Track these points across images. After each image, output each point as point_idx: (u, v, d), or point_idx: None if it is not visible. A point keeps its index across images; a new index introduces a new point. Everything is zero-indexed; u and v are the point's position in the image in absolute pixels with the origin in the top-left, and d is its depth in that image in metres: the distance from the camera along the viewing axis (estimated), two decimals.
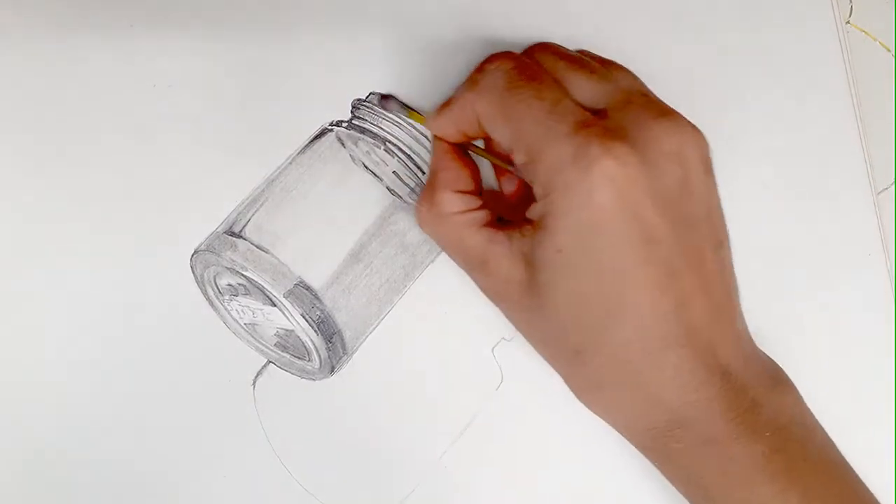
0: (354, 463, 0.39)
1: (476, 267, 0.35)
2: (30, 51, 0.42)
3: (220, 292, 0.39)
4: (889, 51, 0.45)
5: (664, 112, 0.32)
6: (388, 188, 0.38)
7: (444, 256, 0.40)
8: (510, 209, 0.37)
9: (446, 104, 0.35)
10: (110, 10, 0.43)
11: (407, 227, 0.38)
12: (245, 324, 0.39)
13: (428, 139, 0.38)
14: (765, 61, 0.43)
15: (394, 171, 0.38)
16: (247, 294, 0.38)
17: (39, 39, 0.42)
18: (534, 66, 0.33)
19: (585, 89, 0.33)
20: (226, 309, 0.39)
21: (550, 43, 0.36)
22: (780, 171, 0.42)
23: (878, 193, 0.43)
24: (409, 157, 0.38)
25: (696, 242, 0.32)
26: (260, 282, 0.36)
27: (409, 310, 0.40)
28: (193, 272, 0.39)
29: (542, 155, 0.30)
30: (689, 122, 0.32)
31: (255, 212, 0.38)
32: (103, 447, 0.39)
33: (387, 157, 0.38)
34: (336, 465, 0.39)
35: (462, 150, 0.36)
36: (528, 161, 0.31)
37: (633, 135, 0.30)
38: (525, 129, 0.31)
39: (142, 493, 0.39)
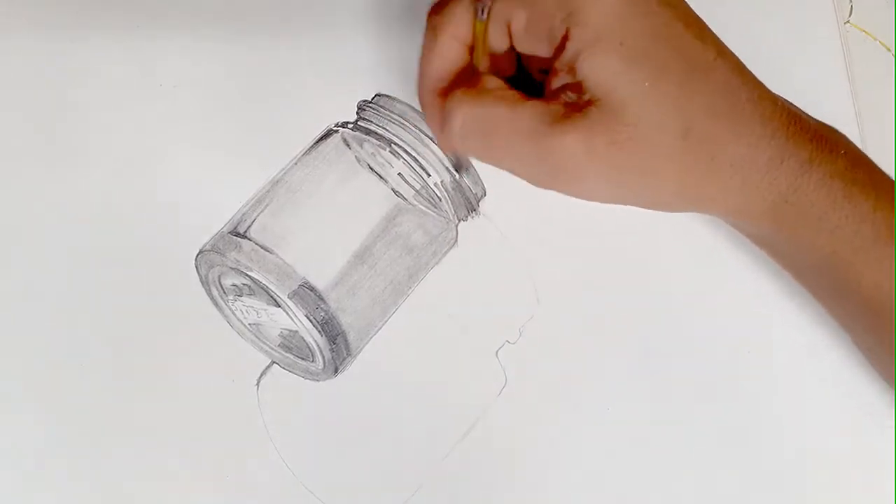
0: (357, 464, 0.39)
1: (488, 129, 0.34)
2: (35, 52, 0.42)
3: (224, 292, 0.39)
4: (889, 50, 0.45)
5: None
6: (392, 190, 0.38)
7: (448, 258, 0.40)
8: None
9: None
10: (116, 12, 0.43)
11: (412, 229, 0.38)
12: (249, 324, 0.39)
13: (434, 141, 0.38)
14: (765, 61, 0.43)
15: (399, 173, 0.38)
16: (251, 294, 0.38)
17: (45, 40, 0.42)
18: None
19: None
20: (230, 309, 0.39)
21: None
22: None
23: None
24: (414, 158, 0.38)
25: (702, 29, 0.34)
26: (264, 282, 0.36)
27: (413, 311, 0.40)
28: (198, 272, 0.39)
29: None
30: None
31: (260, 212, 0.38)
32: (107, 446, 0.39)
33: (392, 158, 0.38)
34: (339, 466, 0.39)
35: None
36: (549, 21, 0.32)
37: None
38: None
39: (145, 493, 0.39)
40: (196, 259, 0.38)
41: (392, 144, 0.38)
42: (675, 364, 0.40)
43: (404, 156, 0.38)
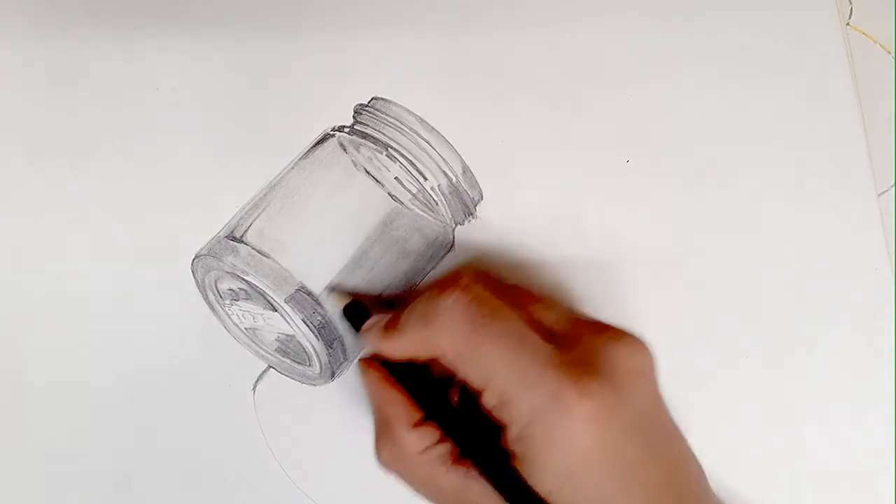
0: (354, 468, 0.39)
1: None
2: (34, 54, 0.42)
3: (220, 297, 0.39)
4: (889, 53, 0.45)
5: (613, 333, 0.33)
6: (389, 194, 0.38)
7: (445, 262, 0.40)
8: None
9: (394, 328, 0.33)
10: (115, 14, 0.43)
11: (409, 233, 0.38)
12: (246, 328, 0.39)
13: (433, 147, 0.38)
14: (768, 64, 0.43)
15: (395, 177, 0.38)
16: (248, 299, 0.38)
17: (44, 43, 0.42)
18: (491, 300, 0.32)
19: (542, 316, 0.33)
20: (226, 313, 0.39)
21: (487, 274, 0.36)
22: (783, 173, 0.42)
23: (879, 195, 0.43)
24: (410, 162, 0.38)
25: (670, 451, 0.33)
26: (261, 287, 0.36)
27: None
28: (194, 276, 0.39)
29: (515, 400, 0.30)
30: (631, 332, 0.33)
31: (257, 217, 0.38)
32: (104, 451, 0.39)
33: (388, 162, 0.38)
34: (336, 470, 0.39)
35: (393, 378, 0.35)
36: (501, 404, 0.31)
37: (599, 363, 0.31)
38: (495, 373, 0.31)
39: (142, 496, 0.39)
40: (192, 263, 0.38)
41: (388, 148, 0.38)
42: (677, 363, 0.40)
43: (401, 159, 0.38)
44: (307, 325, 0.36)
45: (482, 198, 0.40)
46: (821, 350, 0.41)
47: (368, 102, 0.40)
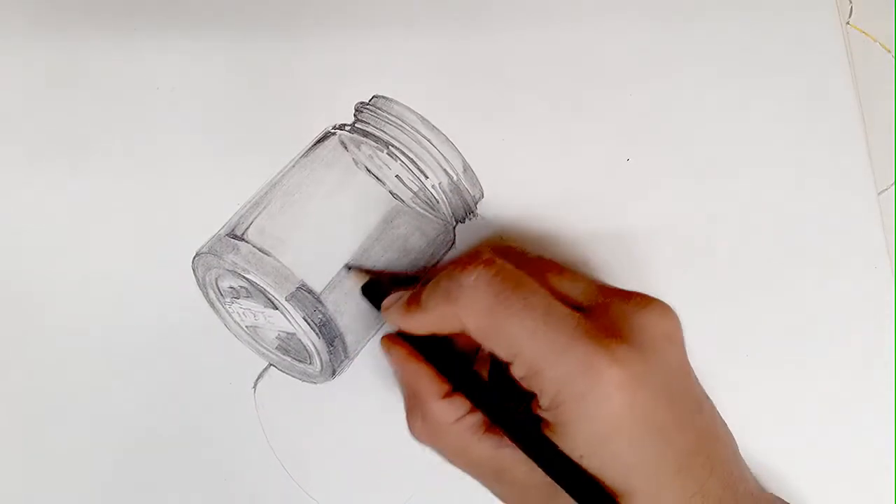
0: (355, 466, 0.39)
1: (490, 475, 0.34)
2: (34, 54, 0.42)
3: (221, 295, 0.39)
4: (889, 52, 0.45)
5: (640, 300, 0.33)
6: (390, 192, 0.38)
7: (445, 260, 0.40)
8: None
9: (416, 304, 0.34)
10: (115, 14, 0.43)
11: (409, 232, 0.38)
12: (246, 326, 0.39)
13: (434, 145, 0.38)
14: (768, 63, 0.43)
15: (396, 175, 0.38)
16: (248, 297, 0.38)
17: (44, 43, 0.42)
18: (514, 273, 0.32)
19: (566, 288, 0.33)
20: (227, 311, 0.39)
21: (511, 247, 0.36)
22: (783, 171, 0.42)
23: (879, 194, 0.43)
24: (411, 160, 0.38)
25: (699, 418, 0.33)
26: (262, 285, 0.36)
27: None
28: (195, 274, 0.39)
29: (545, 369, 0.30)
30: (662, 302, 0.33)
31: (258, 215, 0.38)
32: (104, 449, 0.39)
33: (389, 160, 0.38)
34: (337, 469, 0.39)
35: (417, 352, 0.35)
36: (531, 374, 0.31)
37: (628, 329, 0.31)
38: (522, 344, 0.31)
39: (142, 495, 0.39)
40: (193, 261, 0.38)
41: (389, 146, 0.38)
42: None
43: (402, 158, 0.38)
44: (308, 323, 0.36)
45: (483, 196, 0.40)
46: (820, 349, 0.41)
47: (370, 101, 0.40)
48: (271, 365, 0.40)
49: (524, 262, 0.34)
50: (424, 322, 0.33)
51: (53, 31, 0.43)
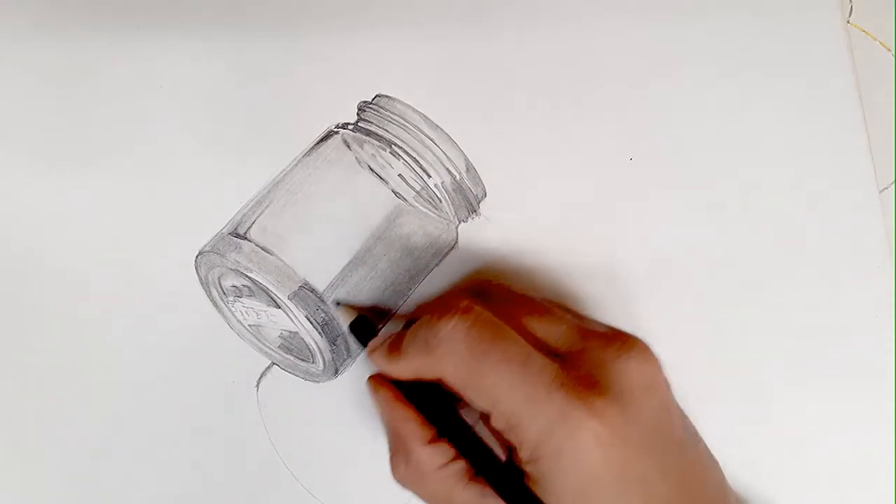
0: (357, 465, 0.39)
1: None
2: (37, 53, 0.42)
3: (224, 294, 0.39)
4: (889, 50, 0.45)
5: (621, 345, 0.32)
6: (393, 191, 0.38)
7: (448, 259, 0.40)
8: None
9: (397, 351, 0.34)
10: (116, 13, 0.43)
11: (412, 231, 0.38)
12: (249, 325, 0.39)
13: (437, 144, 0.38)
14: (770, 61, 0.43)
15: (399, 174, 0.38)
16: (251, 296, 0.38)
17: (47, 41, 0.42)
18: (491, 322, 0.32)
19: (543, 333, 0.33)
20: (230, 310, 0.39)
21: (494, 282, 0.36)
22: (784, 170, 0.43)
23: (880, 193, 0.43)
24: (414, 159, 0.38)
25: (683, 462, 0.32)
26: (264, 283, 0.36)
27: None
28: (198, 273, 0.39)
29: (524, 423, 0.30)
30: (639, 341, 0.33)
31: (260, 213, 0.38)
32: (106, 447, 0.39)
33: (392, 159, 0.38)
34: (339, 467, 0.39)
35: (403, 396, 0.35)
36: (509, 427, 0.31)
37: (606, 379, 0.31)
38: (500, 397, 0.31)
39: (144, 493, 0.39)
40: (196, 260, 0.38)
41: (392, 145, 0.38)
42: (676, 360, 0.40)
43: (405, 157, 0.38)
44: (311, 322, 0.36)
45: (486, 195, 0.40)
46: (821, 348, 0.41)
47: (372, 100, 0.40)
48: (274, 364, 0.40)
49: (504, 302, 0.34)
50: (406, 369, 0.34)
51: (54, 30, 0.43)
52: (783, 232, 0.42)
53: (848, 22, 0.45)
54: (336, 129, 0.39)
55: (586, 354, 0.32)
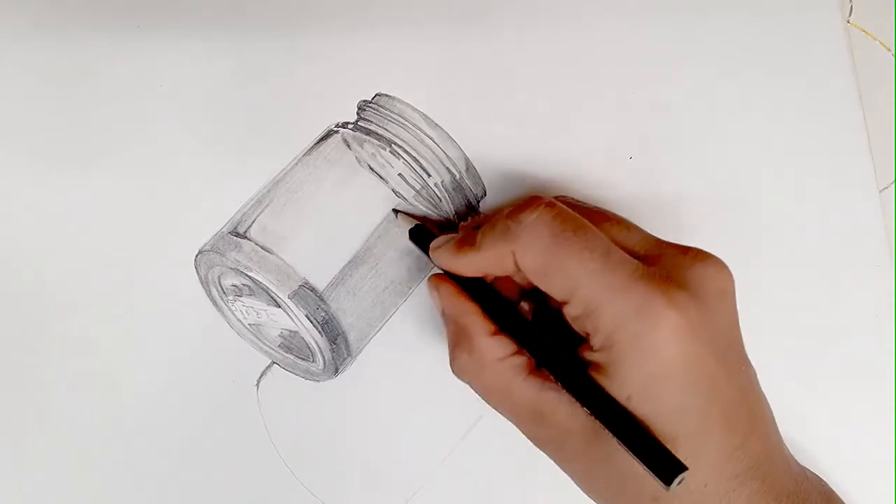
0: (358, 464, 0.39)
1: (529, 418, 0.33)
2: (37, 53, 0.42)
3: (224, 293, 0.39)
4: (889, 50, 0.45)
5: (697, 253, 0.33)
6: (393, 190, 0.38)
7: None
8: None
9: (470, 244, 0.34)
10: (116, 12, 0.43)
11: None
12: (249, 324, 0.39)
13: (436, 143, 0.38)
14: (770, 60, 0.43)
15: (399, 173, 0.38)
16: (251, 295, 0.38)
17: (47, 41, 0.42)
18: (574, 216, 0.32)
19: (622, 237, 0.33)
20: (230, 309, 0.39)
21: (567, 197, 0.36)
22: (784, 169, 0.43)
23: (880, 192, 0.43)
24: (414, 159, 0.38)
25: (744, 375, 0.33)
26: (264, 282, 0.36)
27: (413, 312, 0.40)
28: (198, 272, 0.39)
29: (602, 308, 0.30)
30: (718, 258, 0.33)
31: (261, 212, 0.38)
32: (106, 447, 0.39)
33: (392, 158, 0.38)
34: (339, 467, 0.39)
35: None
36: (586, 313, 0.31)
37: (685, 280, 0.31)
38: (580, 283, 0.31)
39: (144, 492, 0.39)
40: (196, 259, 0.38)
41: (392, 145, 0.38)
42: None
43: (404, 156, 0.38)
44: (311, 321, 0.36)
45: (486, 194, 0.40)
46: (821, 348, 0.41)
47: (372, 99, 0.40)
48: (274, 363, 0.40)
49: (582, 209, 0.34)
50: (477, 261, 0.34)
51: (54, 30, 0.43)
52: (783, 232, 0.42)
53: (848, 22, 0.45)
54: (336, 129, 0.39)
55: (664, 259, 0.32)
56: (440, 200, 0.38)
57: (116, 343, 0.40)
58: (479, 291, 0.34)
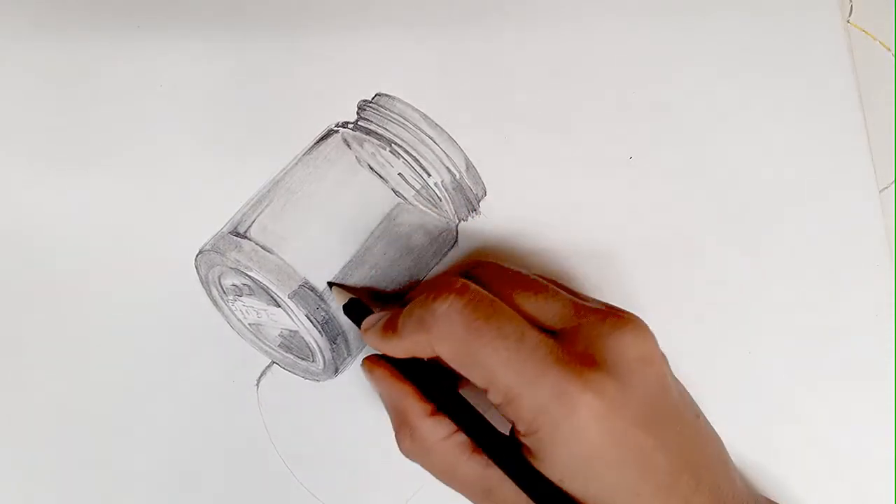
0: (357, 464, 0.39)
1: (479, 495, 0.33)
2: (37, 53, 0.42)
3: (224, 292, 0.39)
4: (889, 50, 0.45)
5: (616, 321, 0.32)
6: (393, 190, 0.38)
7: (448, 258, 0.40)
8: None
9: (393, 330, 0.34)
10: (116, 12, 0.43)
11: (412, 230, 0.38)
12: (249, 324, 0.39)
13: (437, 143, 0.38)
14: (770, 60, 0.43)
15: (399, 173, 0.38)
16: (251, 294, 0.38)
17: (47, 41, 0.42)
18: (487, 301, 0.32)
19: (538, 311, 0.33)
20: (230, 309, 0.39)
21: (488, 262, 0.36)
22: (784, 169, 0.43)
23: (880, 192, 0.43)
24: (414, 158, 0.38)
25: (684, 433, 0.33)
26: (264, 282, 0.36)
27: None
28: (198, 272, 0.39)
29: (520, 398, 0.30)
30: (633, 316, 0.33)
31: (261, 212, 0.38)
32: (106, 447, 0.39)
33: (392, 158, 0.38)
34: (339, 466, 0.39)
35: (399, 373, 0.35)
36: (506, 401, 0.31)
37: (601, 354, 0.31)
38: (496, 373, 0.31)
39: (145, 492, 0.39)
40: (196, 259, 0.38)
41: (392, 144, 0.38)
42: (676, 358, 0.40)
43: (404, 156, 0.38)
44: (311, 321, 0.36)
45: (486, 194, 0.40)
46: (821, 346, 0.41)
47: (372, 98, 0.40)
48: (274, 363, 0.40)
49: (499, 279, 0.34)
50: (402, 348, 0.33)
51: (54, 30, 0.43)
52: (783, 232, 0.42)
53: (848, 22, 0.45)
54: (336, 128, 0.39)
55: (581, 330, 0.32)
56: (440, 200, 0.38)
57: (116, 343, 0.39)
58: (415, 371, 0.34)
